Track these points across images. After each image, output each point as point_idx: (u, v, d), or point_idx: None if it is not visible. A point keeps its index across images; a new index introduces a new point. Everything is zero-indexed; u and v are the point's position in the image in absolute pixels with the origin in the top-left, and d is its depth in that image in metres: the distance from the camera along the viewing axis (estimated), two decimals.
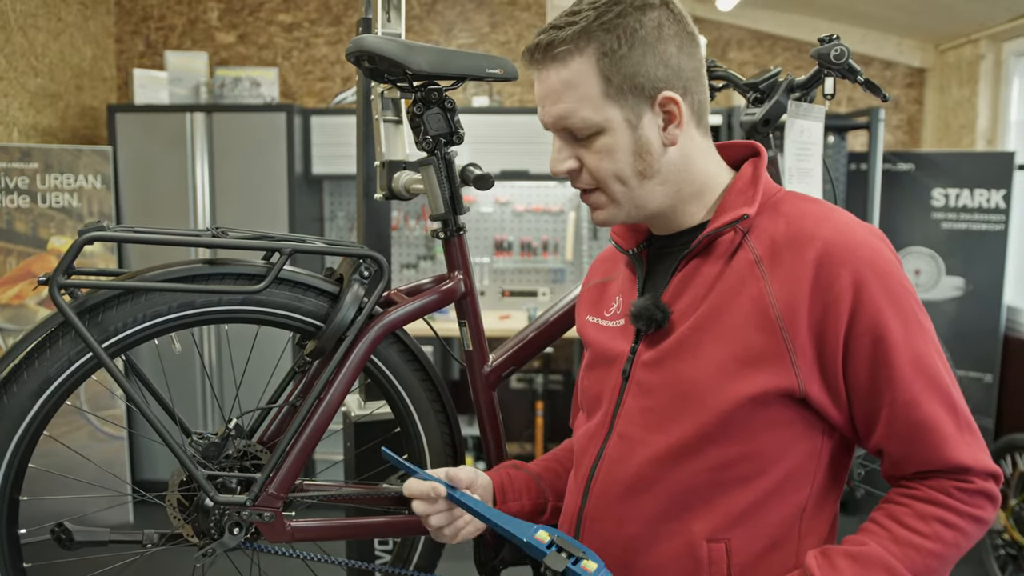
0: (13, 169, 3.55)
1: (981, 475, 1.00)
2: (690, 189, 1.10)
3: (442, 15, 4.71)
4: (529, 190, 4.57)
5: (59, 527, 1.24)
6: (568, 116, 1.05)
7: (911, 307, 1.00)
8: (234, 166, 4.00)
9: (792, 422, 1.02)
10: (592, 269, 1.34)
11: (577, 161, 1.08)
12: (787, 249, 1.02)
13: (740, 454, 1.02)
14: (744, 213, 1.05)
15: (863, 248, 0.99)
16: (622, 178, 1.06)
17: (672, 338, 1.07)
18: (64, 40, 4.15)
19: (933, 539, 0.98)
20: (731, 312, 1.03)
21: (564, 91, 1.04)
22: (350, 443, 1.83)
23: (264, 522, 1.28)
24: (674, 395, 1.05)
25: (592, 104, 1.03)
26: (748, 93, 1.72)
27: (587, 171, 1.08)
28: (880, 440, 1.02)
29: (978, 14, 3.76)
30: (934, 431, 0.99)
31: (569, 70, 1.03)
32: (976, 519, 1.00)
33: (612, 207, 1.09)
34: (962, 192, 3.86)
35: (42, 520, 1.30)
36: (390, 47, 1.29)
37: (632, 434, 1.10)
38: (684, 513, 1.05)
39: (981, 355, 3.83)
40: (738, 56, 4.61)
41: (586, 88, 1.03)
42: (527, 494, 1.28)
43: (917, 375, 0.98)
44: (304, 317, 1.32)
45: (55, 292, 1.14)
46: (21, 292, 3.57)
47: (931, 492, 1.00)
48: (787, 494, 1.04)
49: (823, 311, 0.98)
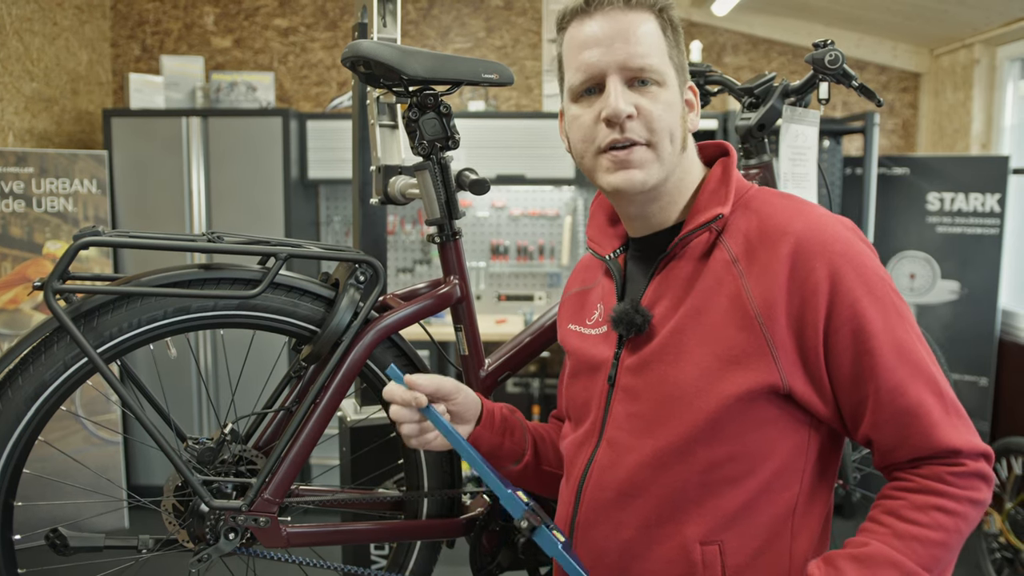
0: (8, 173, 3.54)
1: (972, 456, 1.00)
2: (681, 184, 1.12)
3: (438, 19, 4.71)
4: (525, 194, 4.58)
5: (54, 533, 1.24)
6: (645, 56, 1.05)
7: (888, 295, 1.01)
8: (230, 171, 4.00)
9: (778, 419, 1.03)
10: (571, 279, 1.35)
11: (636, 108, 1.06)
12: (761, 246, 1.03)
13: (728, 454, 1.03)
14: (719, 213, 1.06)
15: (836, 241, 1.00)
16: (673, 136, 1.08)
17: (655, 342, 1.08)
18: (60, 44, 4.14)
19: (934, 528, 0.98)
20: (710, 312, 1.03)
21: (641, 36, 1.06)
22: (346, 448, 1.83)
23: (260, 527, 1.27)
24: (660, 398, 1.06)
25: (662, 56, 1.07)
26: (743, 98, 1.73)
27: (643, 120, 1.06)
28: (868, 430, 1.02)
29: (972, 19, 3.78)
30: (922, 416, 0.99)
31: (646, 22, 1.07)
32: (973, 501, 1.00)
33: (656, 166, 1.07)
34: (957, 196, 3.87)
35: (37, 525, 1.30)
36: (386, 52, 1.29)
37: (621, 440, 1.10)
38: (676, 516, 1.05)
39: (976, 358, 3.84)
40: (734, 60, 4.62)
41: (657, 40, 1.07)
42: (510, 436, 1.30)
43: (900, 362, 0.99)
44: (300, 322, 1.32)
45: (50, 297, 1.14)
46: (16, 296, 3.57)
47: (925, 481, 1.00)
48: (777, 492, 1.04)
49: (801, 305, 0.99)
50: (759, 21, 4.57)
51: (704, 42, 4.52)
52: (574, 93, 1.11)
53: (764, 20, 4.57)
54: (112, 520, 3.70)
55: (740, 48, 4.64)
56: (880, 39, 4.48)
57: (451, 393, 1.21)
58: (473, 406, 1.26)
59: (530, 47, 4.71)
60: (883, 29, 4.37)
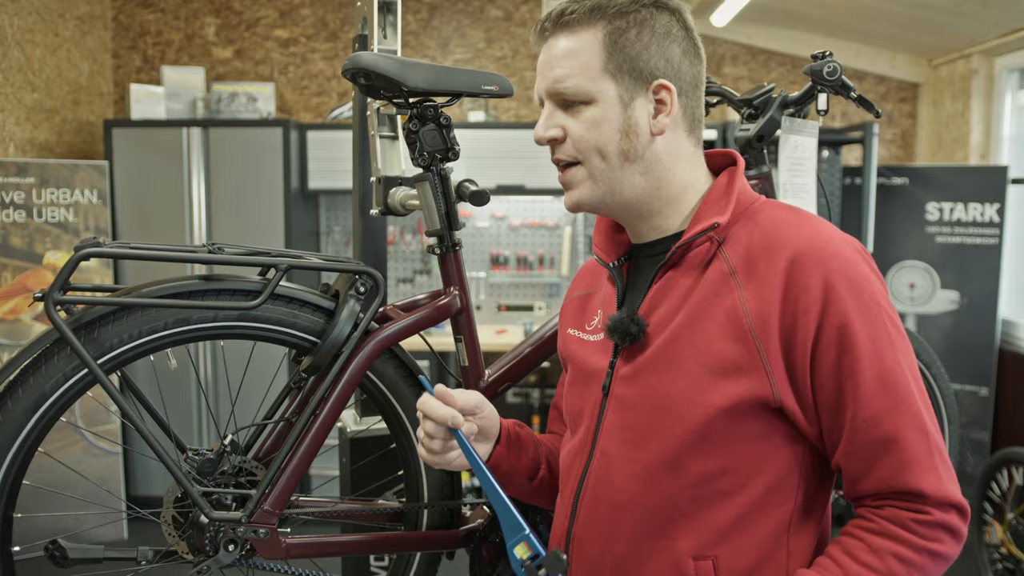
0: (9, 184, 3.55)
1: (939, 505, 0.96)
2: (669, 191, 1.10)
3: (438, 31, 4.73)
4: (525, 204, 4.58)
5: (53, 544, 1.24)
6: (563, 80, 1.06)
7: (882, 321, 0.98)
8: (230, 181, 4.00)
9: (770, 433, 1.01)
10: (575, 281, 1.33)
11: (562, 131, 1.08)
12: (760, 258, 1.01)
13: (720, 468, 1.01)
14: (715, 222, 1.05)
15: (835, 258, 0.98)
16: (604, 153, 1.07)
17: (648, 351, 1.06)
18: (61, 55, 4.16)
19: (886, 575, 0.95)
20: (704, 323, 1.02)
21: (565, 58, 1.06)
22: (346, 459, 1.83)
23: (259, 539, 1.27)
24: (651, 409, 1.04)
25: (589, 74, 1.06)
26: (742, 109, 1.73)
27: (570, 141, 1.08)
28: (840, 457, 1.00)
29: (970, 30, 3.79)
30: (893, 451, 0.96)
31: (575, 39, 1.06)
32: (933, 553, 0.96)
33: (588, 184, 1.09)
34: (956, 206, 3.87)
35: (36, 537, 1.30)
36: (386, 64, 1.29)
37: (613, 451, 1.09)
38: (668, 530, 1.03)
39: (977, 368, 3.84)
40: (733, 71, 4.64)
41: (587, 58, 1.06)
42: (526, 453, 1.28)
43: (882, 392, 0.96)
44: (300, 333, 1.32)
45: (51, 308, 1.14)
46: (16, 307, 3.57)
47: (887, 525, 0.97)
48: (771, 508, 1.02)
49: (792, 320, 0.97)
50: (758, 32, 4.59)
51: None
52: None
53: (763, 31, 4.59)
54: (111, 532, 3.68)
55: (739, 59, 4.65)
56: (879, 50, 4.50)
57: (478, 406, 1.19)
58: (495, 422, 1.24)
59: (530, 58, 4.73)
60: (881, 40, 4.38)
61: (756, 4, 3.88)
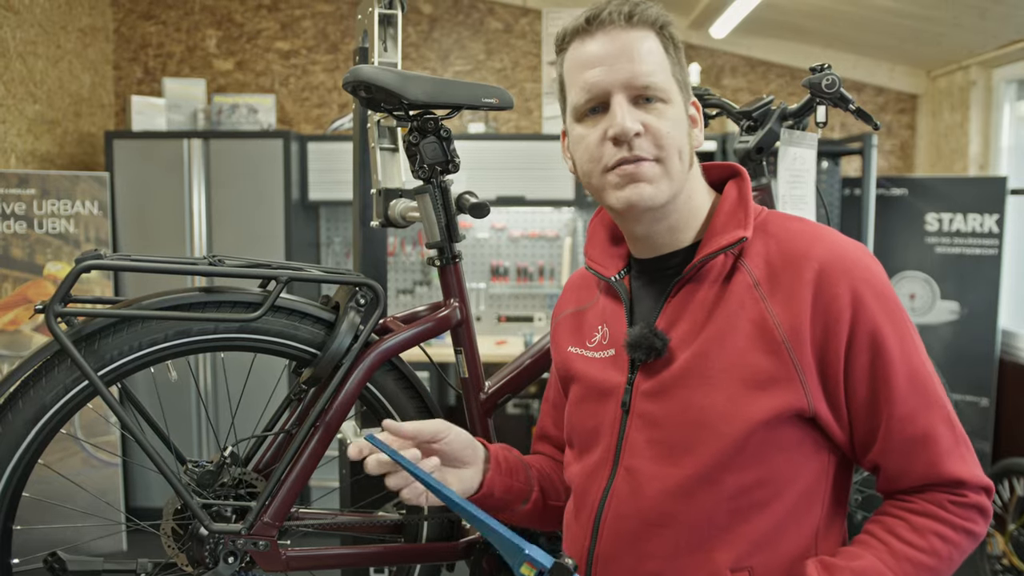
0: (10, 195, 3.56)
1: (975, 489, 1.02)
2: (692, 203, 1.11)
3: (439, 43, 4.75)
4: (525, 216, 4.59)
5: (52, 556, 1.24)
6: (651, 75, 1.05)
7: (905, 323, 1.02)
8: (231, 192, 4.01)
9: (802, 442, 1.03)
10: (562, 299, 1.32)
11: (642, 126, 1.05)
12: (783, 270, 1.03)
13: (756, 479, 1.02)
14: (742, 236, 1.05)
15: (858, 267, 1.02)
16: (682, 152, 1.07)
17: (675, 366, 1.06)
18: (63, 67, 4.17)
19: (929, 553, 0.99)
20: (734, 336, 1.02)
21: (645, 53, 1.05)
22: (346, 471, 1.82)
23: (259, 551, 1.27)
24: (684, 424, 1.04)
25: (665, 74, 1.07)
26: (741, 121, 1.74)
27: (651, 137, 1.04)
28: (877, 456, 1.03)
29: (968, 41, 3.81)
30: (930, 446, 1.00)
31: (648, 40, 1.06)
32: (969, 532, 1.01)
33: (664, 181, 1.05)
34: (955, 217, 3.88)
35: (35, 549, 1.29)
36: (387, 77, 1.30)
37: (641, 468, 1.07)
38: (706, 544, 1.03)
39: (977, 379, 3.83)
40: (732, 83, 4.65)
41: (661, 59, 1.07)
42: (517, 476, 1.27)
43: (914, 390, 1.00)
44: (300, 345, 1.32)
45: (51, 320, 1.15)
46: (17, 318, 3.57)
47: (927, 505, 1.02)
48: (802, 515, 1.04)
49: (824, 329, 1.00)
50: (757, 43, 4.61)
51: (703, 64, 4.55)
52: (578, 113, 1.09)
53: (762, 42, 4.60)
54: (110, 543, 3.67)
55: (738, 70, 4.67)
56: (877, 61, 4.51)
57: (438, 432, 1.18)
58: (468, 446, 1.22)
59: (530, 69, 4.74)
60: (880, 51, 4.40)
61: (755, 16, 3.90)
